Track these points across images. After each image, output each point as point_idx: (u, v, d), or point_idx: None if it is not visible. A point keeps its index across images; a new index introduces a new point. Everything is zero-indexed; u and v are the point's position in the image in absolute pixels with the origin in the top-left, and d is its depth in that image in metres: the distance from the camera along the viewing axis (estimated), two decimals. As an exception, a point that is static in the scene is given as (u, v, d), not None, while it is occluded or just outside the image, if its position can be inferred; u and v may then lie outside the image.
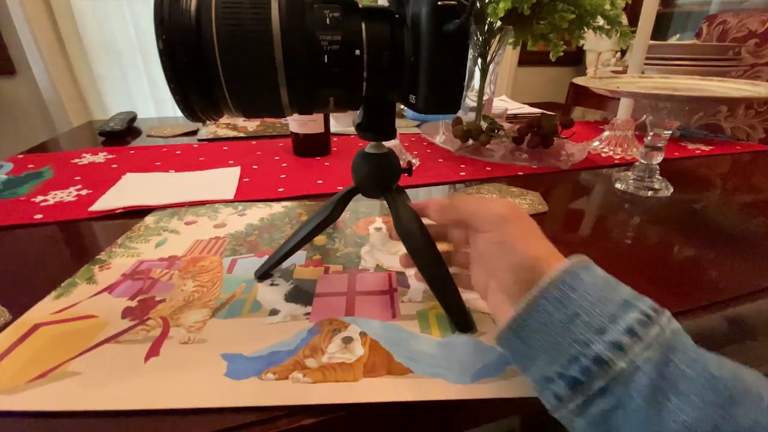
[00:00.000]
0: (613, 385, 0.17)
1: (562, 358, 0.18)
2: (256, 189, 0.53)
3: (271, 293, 0.32)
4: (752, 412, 0.15)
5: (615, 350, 0.17)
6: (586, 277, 0.19)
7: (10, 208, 0.47)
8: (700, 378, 0.16)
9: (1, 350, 0.25)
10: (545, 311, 0.19)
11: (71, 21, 1.43)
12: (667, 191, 0.54)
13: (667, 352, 0.17)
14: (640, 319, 0.17)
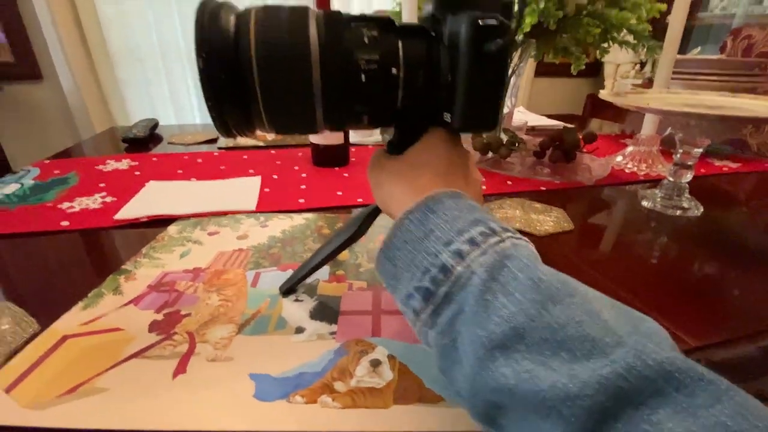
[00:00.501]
0: (454, 291, 0.18)
1: (418, 271, 0.19)
2: (277, 199, 0.53)
3: (296, 310, 0.31)
4: (569, 310, 0.16)
5: (456, 257, 0.18)
6: (449, 201, 0.21)
7: (37, 214, 0.48)
8: (526, 279, 0.17)
9: (30, 362, 0.25)
10: (407, 230, 0.20)
11: (97, 28, 1.47)
12: (697, 211, 0.53)
13: (503, 258, 0.18)
14: (483, 231, 0.19)
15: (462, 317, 0.18)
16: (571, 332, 0.15)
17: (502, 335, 0.16)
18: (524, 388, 0.15)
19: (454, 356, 0.18)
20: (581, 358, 0.15)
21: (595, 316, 0.16)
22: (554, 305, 0.16)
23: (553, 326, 0.15)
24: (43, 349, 0.26)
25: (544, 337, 0.15)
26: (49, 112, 1.57)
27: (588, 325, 0.15)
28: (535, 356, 0.15)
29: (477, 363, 0.16)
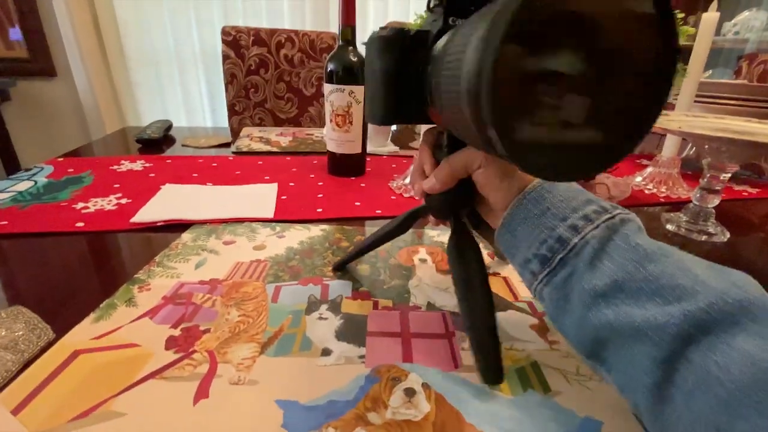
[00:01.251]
0: (569, 257, 0.21)
1: (536, 242, 0.23)
2: (295, 208, 0.52)
3: (320, 329, 0.30)
4: (663, 266, 0.19)
5: (572, 231, 0.22)
6: (562, 184, 0.24)
7: (52, 213, 0.47)
8: (627, 246, 0.20)
9: (42, 377, 0.24)
10: (526, 208, 0.24)
11: (114, 30, 1.48)
12: (723, 237, 0.51)
13: (612, 233, 0.21)
14: (596, 210, 0.22)
15: (574, 277, 0.21)
16: (663, 282, 0.18)
17: (605, 287, 0.20)
18: (621, 322, 0.19)
19: (566, 307, 0.22)
20: (672, 301, 0.18)
21: (688, 271, 0.18)
22: (650, 263, 0.19)
23: (648, 278, 0.19)
24: (55, 364, 0.25)
25: (640, 286, 0.19)
26: (61, 109, 1.57)
27: (679, 277, 0.18)
28: (632, 301, 0.19)
29: (584, 308, 0.20)
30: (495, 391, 0.25)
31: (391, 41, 0.24)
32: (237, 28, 1.20)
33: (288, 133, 0.97)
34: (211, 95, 1.67)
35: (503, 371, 0.26)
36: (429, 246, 0.44)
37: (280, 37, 1.22)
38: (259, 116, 1.27)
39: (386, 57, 0.25)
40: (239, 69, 1.21)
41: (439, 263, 0.41)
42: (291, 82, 1.26)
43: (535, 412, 0.24)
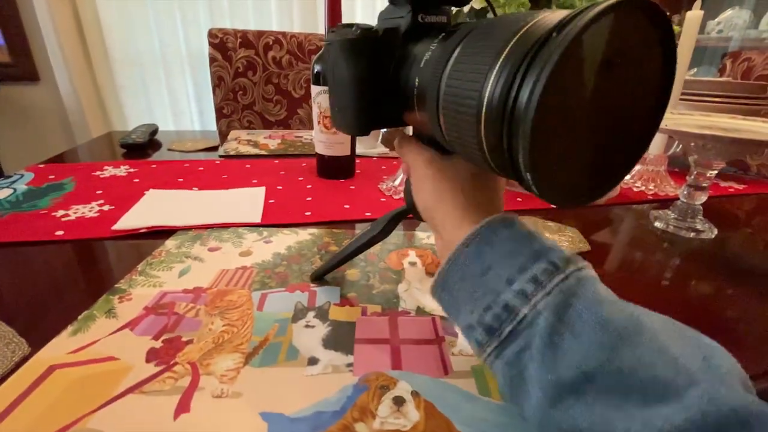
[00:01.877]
0: (520, 329, 0.18)
1: (479, 308, 0.20)
2: (283, 212, 0.51)
3: (307, 337, 0.29)
4: (638, 351, 0.16)
5: (520, 297, 0.18)
6: (504, 231, 0.21)
7: (31, 222, 0.45)
8: (593, 321, 0.17)
9: (15, 394, 0.23)
10: (464, 264, 0.21)
11: (98, 32, 1.45)
12: (711, 233, 0.52)
13: (569, 297, 0.18)
14: (546, 269, 0.19)
15: (529, 353, 0.18)
16: (642, 375, 0.15)
17: (572, 379, 0.16)
18: (597, 431, 0.15)
19: (522, 387, 0.18)
20: (654, 402, 0.15)
21: (665, 354, 0.16)
22: (623, 347, 0.16)
23: (623, 371, 0.16)
24: (27, 382, 0.24)
25: (615, 381, 0.16)
26: (45, 114, 1.54)
27: (659, 368, 0.15)
28: (606, 400, 0.16)
29: (547, 402, 0.17)
30: (485, 397, 0.25)
31: (360, 44, 0.23)
32: (224, 30, 1.18)
33: (277, 135, 0.95)
34: (198, 98, 1.65)
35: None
36: (419, 249, 0.44)
37: (268, 38, 1.20)
38: (248, 119, 1.25)
39: (356, 62, 0.23)
40: (227, 71, 1.20)
41: (429, 266, 0.40)
42: (280, 84, 1.24)
43: (526, 417, 0.23)
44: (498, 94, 0.15)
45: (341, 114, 0.26)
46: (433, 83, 0.19)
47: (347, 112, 0.25)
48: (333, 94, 0.27)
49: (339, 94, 0.25)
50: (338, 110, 0.27)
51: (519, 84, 0.15)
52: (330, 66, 0.25)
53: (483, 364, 0.27)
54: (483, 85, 0.16)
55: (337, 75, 0.24)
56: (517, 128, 0.15)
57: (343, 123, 0.26)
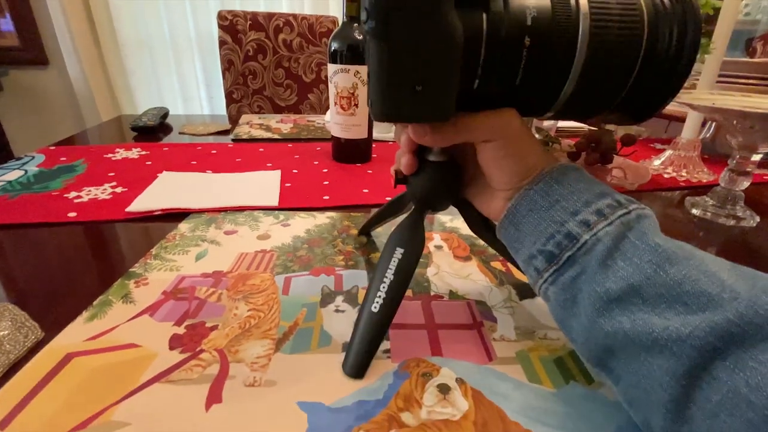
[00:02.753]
0: (578, 255, 0.20)
1: (543, 237, 0.21)
2: (300, 195, 0.49)
3: (338, 322, 0.27)
4: (685, 270, 0.17)
5: (582, 226, 0.20)
6: (572, 173, 0.22)
7: (42, 204, 0.44)
8: (645, 246, 0.18)
9: (31, 384, 0.21)
10: (532, 200, 0.22)
11: (107, 15, 1.42)
12: (753, 221, 0.49)
13: (627, 229, 0.19)
14: (610, 203, 0.20)
15: (583, 277, 0.19)
16: (687, 288, 0.16)
17: (619, 291, 0.18)
18: (638, 330, 0.17)
19: (573, 309, 0.20)
20: (696, 310, 0.16)
21: (713, 276, 0.16)
22: (671, 266, 0.17)
23: (669, 283, 0.17)
24: (44, 371, 0.22)
25: (660, 292, 0.17)
26: (55, 98, 1.52)
27: (704, 283, 0.16)
28: (650, 308, 0.17)
29: (594, 313, 0.18)
30: (535, 384, 0.23)
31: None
32: (233, 12, 1.15)
33: (288, 119, 0.93)
34: (208, 82, 1.63)
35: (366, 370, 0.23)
36: (442, 232, 0.41)
37: (278, 21, 1.17)
38: (258, 104, 1.23)
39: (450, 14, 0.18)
40: (236, 55, 1.17)
41: (456, 249, 0.38)
42: (290, 68, 1.22)
43: (582, 405, 0.21)
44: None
45: (419, 94, 0.19)
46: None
47: (435, 89, 0.19)
48: (399, 68, 0.19)
49: (415, 62, 0.19)
50: (409, 90, 0.19)
51: None
52: (397, 18, 0.17)
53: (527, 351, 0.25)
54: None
55: (414, 30, 0.18)
56: None
57: (422, 105, 0.20)
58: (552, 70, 0.20)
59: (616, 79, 0.20)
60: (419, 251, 0.26)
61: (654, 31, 0.19)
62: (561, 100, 0.21)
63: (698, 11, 0.20)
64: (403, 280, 0.25)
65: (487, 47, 0.19)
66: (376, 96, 0.20)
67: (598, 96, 0.21)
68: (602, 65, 0.20)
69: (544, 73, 0.20)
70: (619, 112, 0.23)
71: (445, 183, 0.27)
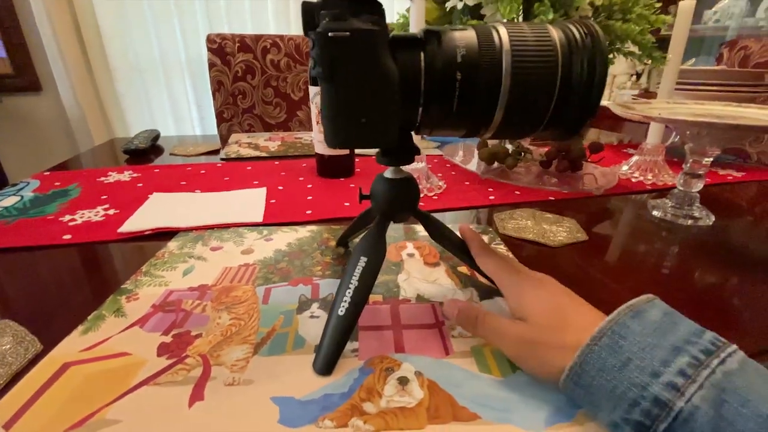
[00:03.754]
0: (676, 426, 0.17)
1: (624, 403, 0.19)
2: (284, 211, 0.52)
3: (313, 326, 0.30)
4: None
5: (672, 390, 0.18)
6: (635, 324, 0.20)
7: (38, 227, 0.46)
8: (754, 416, 0.16)
9: (32, 391, 0.24)
10: (599, 357, 0.20)
11: (98, 41, 1.47)
12: (708, 220, 0.52)
13: (721, 392, 0.17)
14: (690, 362, 0.18)
15: None
16: None
17: None
18: None
19: None
20: None
21: None
22: None
23: None
24: (42, 379, 0.24)
25: None
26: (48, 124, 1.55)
27: None
28: None
29: None
30: (485, 374, 0.25)
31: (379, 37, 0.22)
32: (222, 35, 1.19)
33: (277, 137, 0.97)
34: (199, 103, 1.67)
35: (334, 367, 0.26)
36: (416, 241, 0.44)
37: (266, 42, 1.21)
38: (248, 122, 1.26)
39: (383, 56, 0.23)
40: (226, 76, 1.21)
41: (427, 257, 0.41)
42: (278, 87, 1.26)
43: (525, 390, 0.24)
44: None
45: (364, 125, 0.23)
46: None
47: (378, 120, 0.23)
48: (345, 105, 0.23)
49: (358, 99, 0.22)
50: (355, 122, 0.23)
51: None
52: (340, 65, 0.22)
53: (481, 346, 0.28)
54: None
55: (354, 73, 0.22)
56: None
57: (367, 135, 0.24)
58: (482, 99, 0.23)
59: (538, 105, 0.24)
60: (381, 259, 0.29)
61: (567, 63, 0.23)
62: (494, 123, 0.24)
63: (604, 43, 0.23)
64: (366, 285, 0.28)
65: (426, 81, 0.23)
66: (327, 128, 0.24)
67: (526, 119, 0.24)
68: (525, 94, 0.23)
69: (476, 102, 0.24)
70: (550, 130, 0.26)
71: (403, 197, 0.30)
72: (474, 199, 0.58)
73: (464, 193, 0.60)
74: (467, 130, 0.26)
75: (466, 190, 0.61)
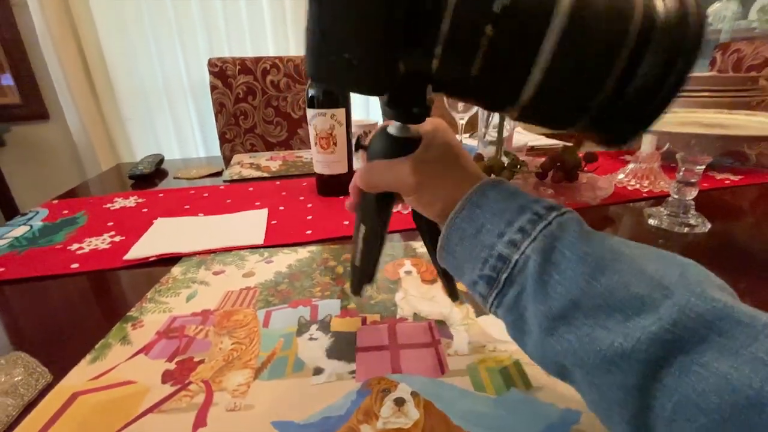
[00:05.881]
0: (515, 274, 0.20)
1: (478, 262, 0.22)
2: (284, 232, 0.53)
3: (311, 349, 0.31)
4: (616, 275, 0.18)
5: (511, 246, 0.21)
6: (491, 193, 0.23)
7: (48, 257, 0.48)
8: (574, 256, 0.19)
9: (43, 421, 0.25)
10: (460, 227, 0.23)
11: (103, 67, 1.51)
12: (704, 227, 0.53)
13: (553, 240, 0.20)
14: (530, 218, 0.21)
15: (525, 295, 0.20)
16: (620, 295, 0.17)
17: (561, 308, 0.18)
18: (586, 349, 0.17)
19: (524, 328, 0.20)
20: (633, 315, 0.17)
21: (642, 274, 0.18)
22: (602, 274, 0.18)
23: (603, 293, 0.18)
24: (53, 410, 0.26)
25: (597, 303, 0.18)
26: (56, 150, 1.60)
27: (635, 285, 0.17)
28: (592, 321, 0.18)
29: (543, 332, 0.19)
30: (479, 392, 0.26)
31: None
32: (223, 59, 1.23)
33: (278, 157, 0.98)
34: (202, 125, 1.70)
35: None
36: (414, 258, 0.45)
37: (266, 64, 1.25)
38: (250, 142, 1.29)
39: None
40: (227, 98, 1.24)
41: (424, 274, 0.42)
42: (279, 107, 1.28)
43: (518, 408, 0.25)
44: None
45: (351, 65, 0.18)
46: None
47: (364, 59, 0.18)
48: (331, 36, 0.18)
49: (342, 23, 0.18)
50: (341, 59, 0.18)
51: None
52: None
53: (477, 364, 0.28)
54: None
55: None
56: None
57: (352, 76, 0.19)
58: (513, 65, 0.18)
59: (583, 90, 0.18)
60: (378, 226, 0.28)
61: (638, 50, 0.17)
62: (523, 99, 0.19)
63: (702, 33, 0.17)
64: (370, 250, 0.29)
65: (452, 22, 0.17)
66: (307, 57, 0.19)
67: (562, 104, 0.19)
68: (570, 70, 0.17)
69: (506, 69, 0.18)
70: (598, 127, 0.20)
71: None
72: (471, 213, 0.59)
73: (461, 207, 0.61)
74: (490, 102, 0.21)
75: (464, 204, 0.62)
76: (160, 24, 1.55)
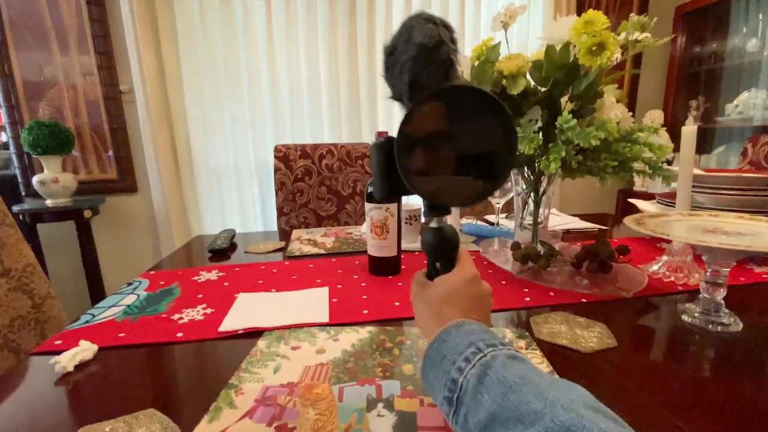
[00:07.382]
0: (462, 396, 0.28)
1: (441, 385, 0.30)
2: (345, 310, 0.62)
3: (381, 425, 0.37)
4: (521, 395, 0.25)
5: (458, 372, 0.29)
6: (454, 331, 0.32)
7: (156, 325, 0.58)
8: (496, 380, 0.26)
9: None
10: (430, 357, 0.32)
11: (187, 149, 1.81)
12: (737, 326, 0.55)
13: (486, 369, 0.28)
14: (473, 351, 0.29)
15: (468, 413, 0.27)
16: (522, 410, 0.24)
17: (485, 419, 0.26)
18: None
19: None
20: (529, 425, 0.24)
21: (540, 395, 0.25)
22: (512, 393, 0.25)
23: (512, 408, 0.25)
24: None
25: (509, 416, 0.25)
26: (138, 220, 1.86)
27: (533, 403, 0.24)
28: (504, 429, 0.25)
29: None
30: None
31: (382, 146, 0.38)
32: (286, 145, 1.43)
33: (331, 233, 1.11)
34: (263, 200, 1.93)
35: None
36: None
37: (322, 150, 1.44)
38: (303, 215, 1.44)
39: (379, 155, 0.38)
40: (288, 178, 1.42)
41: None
42: (331, 186, 1.45)
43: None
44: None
45: (374, 183, 0.41)
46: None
47: (376, 182, 0.40)
48: (373, 172, 0.42)
49: (374, 172, 0.41)
50: (373, 181, 0.41)
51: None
52: (371, 156, 0.40)
53: None
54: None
55: (374, 160, 0.40)
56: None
57: (375, 188, 0.41)
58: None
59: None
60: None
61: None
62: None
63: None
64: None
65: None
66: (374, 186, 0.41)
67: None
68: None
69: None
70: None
71: (438, 240, 0.41)
72: (511, 301, 0.65)
73: (501, 294, 0.67)
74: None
75: (503, 290, 0.68)
76: (238, 116, 1.85)
